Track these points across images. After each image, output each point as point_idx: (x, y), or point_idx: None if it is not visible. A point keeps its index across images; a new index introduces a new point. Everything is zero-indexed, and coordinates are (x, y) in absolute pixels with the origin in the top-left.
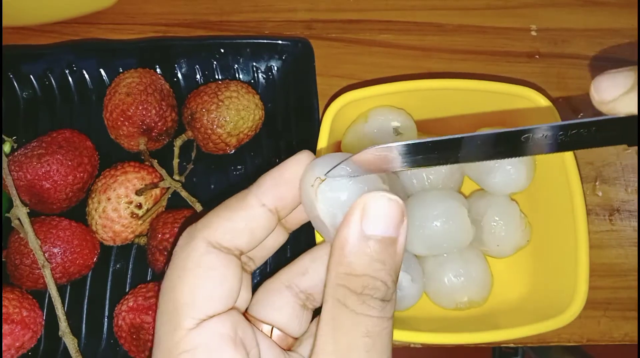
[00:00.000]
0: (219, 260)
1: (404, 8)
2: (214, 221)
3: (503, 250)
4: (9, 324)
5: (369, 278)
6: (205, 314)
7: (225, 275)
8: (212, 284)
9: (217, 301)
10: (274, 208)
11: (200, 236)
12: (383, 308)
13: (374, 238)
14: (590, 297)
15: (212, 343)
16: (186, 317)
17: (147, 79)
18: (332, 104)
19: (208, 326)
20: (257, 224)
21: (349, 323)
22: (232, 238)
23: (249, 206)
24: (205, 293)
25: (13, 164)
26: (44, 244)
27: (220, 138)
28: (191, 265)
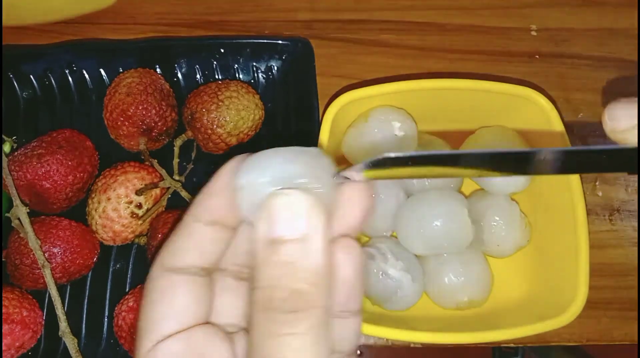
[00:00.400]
0: (169, 281)
1: (404, 8)
2: (164, 247)
3: (503, 249)
4: (9, 324)
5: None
6: (160, 335)
7: (175, 294)
8: (162, 306)
9: (170, 322)
10: (210, 221)
11: (155, 264)
12: (293, 323)
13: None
14: (590, 297)
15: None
16: (144, 340)
17: (147, 79)
18: (332, 104)
19: (161, 347)
20: (199, 239)
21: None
22: (181, 257)
23: (185, 225)
24: (156, 316)
25: (13, 164)
26: (44, 244)
27: (220, 138)
28: (147, 291)
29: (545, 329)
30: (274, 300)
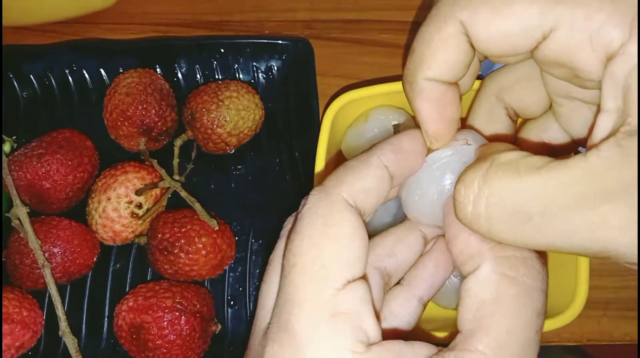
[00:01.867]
0: (358, 220)
1: (404, 8)
2: (348, 179)
3: None
4: (9, 324)
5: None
6: (352, 276)
7: (364, 236)
8: (357, 245)
9: (360, 263)
10: (393, 171)
11: (337, 193)
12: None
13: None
14: (590, 297)
15: (360, 307)
16: (336, 275)
17: (146, 79)
18: (332, 104)
19: (354, 288)
20: (383, 186)
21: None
22: (365, 197)
23: (374, 165)
24: (352, 253)
25: (13, 164)
26: (44, 244)
27: (220, 138)
28: (334, 221)
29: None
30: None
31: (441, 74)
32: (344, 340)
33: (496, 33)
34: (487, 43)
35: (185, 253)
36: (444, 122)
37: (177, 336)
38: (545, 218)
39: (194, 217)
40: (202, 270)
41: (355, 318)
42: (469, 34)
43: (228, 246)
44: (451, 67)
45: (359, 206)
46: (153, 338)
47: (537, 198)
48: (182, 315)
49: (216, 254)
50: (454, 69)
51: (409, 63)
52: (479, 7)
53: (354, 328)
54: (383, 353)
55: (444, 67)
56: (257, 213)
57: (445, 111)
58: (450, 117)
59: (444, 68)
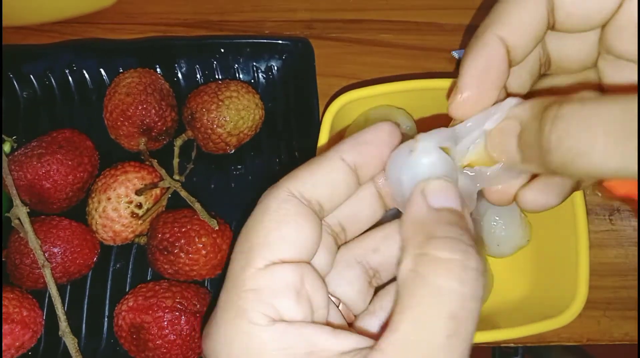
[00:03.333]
0: (297, 208)
1: (404, 8)
2: (296, 173)
3: (503, 249)
4: (9, 324)
5: (453, 241)
6: (276, 257)
7: (301, 223)
8: (287, 229)
9: (289, 246)
10: (353, 164)
11: (283, 186)
12: (473, 281)
13: (443, 209)
14: (590, 297)
15: (276, 287)
16: (258, 256)
17: (146, 79)
18: (332, 104)
19: (276, 269)
20: (337, 176)
21: (431, 301)
22: (313, 187)
23: (328, 158)
24: (278, 236)
25: (13, 164)
26: (44, 244)
27: (220, 138)
28: (270, 209)
29: (545, 329)
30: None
31: (510, 34)
32: (245, 311)
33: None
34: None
35: (185, 253)
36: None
37: (177, 336)
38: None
39: (194, 217)
40: (202, 269)
41: (265, 295)
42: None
43: (228, 246)
44: (523, 30)
45: (307, 198)
46: (153, 338)
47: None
48: (182, 315)
49: (216, 254)
50: (525, 34)
51: (485, 19)
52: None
53: (260, 303)
54: (287, 329)
55: (516, 29)
56: None
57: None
58: (489, 86)
59: (516, 30)
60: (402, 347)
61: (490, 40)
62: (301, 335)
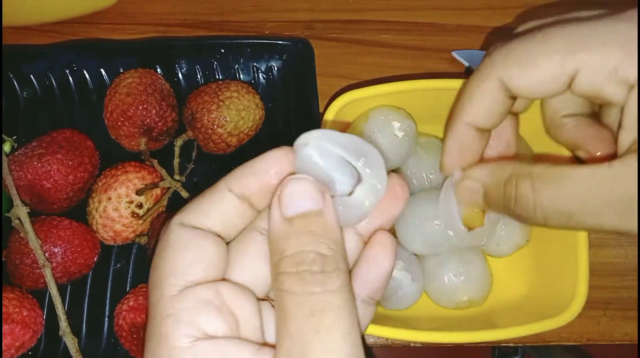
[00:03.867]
0: (193, 234)
1: (404, 8)
2: (187, 206)
3: (503, 249)
4: (9, 324)
5: (301, 253)
6: (186, 280)
7: (202, 244)
8: (189, 253)
9: (197, 269)
10: (241, 194)
11: (173, 221)
12: (324, 281)
13: (296, 216)
14: (590, 297)
15: (194, 306)
16: (168, 285)
17: (147, 79)
18: (332, 104)
19: (189, 291)
20: (226, 207)
21: (292, 308)
22: (202, 218)
23: (217, 190)
24: (183, 262)
25: (13, 164)
26: (44, 244)
27: (220, 138)
28: (168, 243)
29: (545, 328)
30: (303, 263)
31: (476, 119)
32: (168, 337)
33: (529, 83)
34: (525, 91)
35: None
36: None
37: None
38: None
39: None
40: None
41: (185, 316)
42: (508, 87)
43: None
44: (486, 114)
45: (198, 226)
46: None
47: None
48: None
49: None
50: (488, 114)
51: (452, 112)
52: (511, 66)
53: (181, 325)
54: (208, 348)
55: (480, 114)
56: None
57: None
58: (465, 160)
59: (479, 115)
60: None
61: (459, 127)
62: (222, 353)
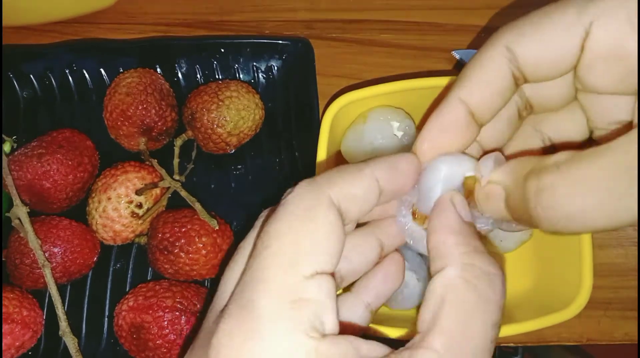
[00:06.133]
0: (339, 221)
1: (404, 8)
2: (339, 181)
3: (506, 245)
4: (9, 324)
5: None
6: (321, 268)
7: (341, 238)
8: (332, 242)
9: (332, 260)
10: (383, 186)
11: (326, 190)
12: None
13: (471, 223)
14: (591, 297)
15: (324, 300)
16: (305, 263)
17: (147, 79)
18: (332, 104)
19: (322, 280)
20: (370, 197)
21: (481, 309)
22: (350, 202)
23: (366, 175)
24: (327, 249)
25: (13, 163)
26: (44, 243)
27: (220, 138)
28: (317, 215)
29: (551, 323)
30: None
31: (471, 95)
32: (302, 324)
33: (542, 40)
34: (534, 54)
35: (185, 252)
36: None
37: (177, 336)
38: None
39: (194, 217)
40: (202, 269)
41: (317, 307)
42: (516, 53)
43: (228, 246)
44: (486, 91)
45: (342, 209)
46: (153, 338)
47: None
48: (182, 314)
49: (216, 254)
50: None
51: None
52: (522, 27)
53: (313, 316)
54: (338, 341)
55: (477, 90)
56: (257, 213)
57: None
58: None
59: (477, 90)
60: (452, 345)
61: (452, 102)
62: (349, 345)
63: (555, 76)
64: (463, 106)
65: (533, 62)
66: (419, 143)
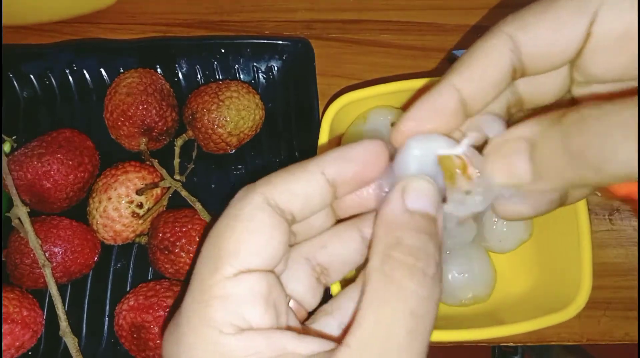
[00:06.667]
0: (270, 218)
1: (404, 8)
2: (274, 180)
3: (505, 245)
4: (9, 324)
5: (417, 250)
6: (245, 267)
7: (274, 235)
8: (259, 240)
9: (259, 258)
10: (332, 179)
11: (258, 191)
12: (431, 286)
13: (418, 212)
14: (591, 297)
15: (245, 296)
16: (227, 264)
17: (147, 79)
18: (332, 104)
19: (245, 278)
20: (314, 191)
21: (394, 298)
22: (289, 199)
23: (308, 171)
24: (250, 247)
25: (13, 163)
26: (44, 243)
27: (220, 138)
28: (244, 216)
29: (551, 323)
30: (419, 260)
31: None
32: (211, 320)
33: (546, 27)
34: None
35: (186, 252)
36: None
37: None
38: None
39: (194, 217)
40: None
41: (233, 303)
42: (518, 42)
43: None
44: (481, 81)
45: (281, 207)
46: (154, 337)
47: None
48: None
49: None
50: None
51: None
52: (526, 15)
53: (227, 312)
54: (254, 336)
55: (473, 79)
56: None
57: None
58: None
59: (472, 80)
60: (366, 340)
61: (444, 88)
62: (269, 341)
63: (556, 66)
64: (456, 93)
65: (536, 52)
66: (403, 122)
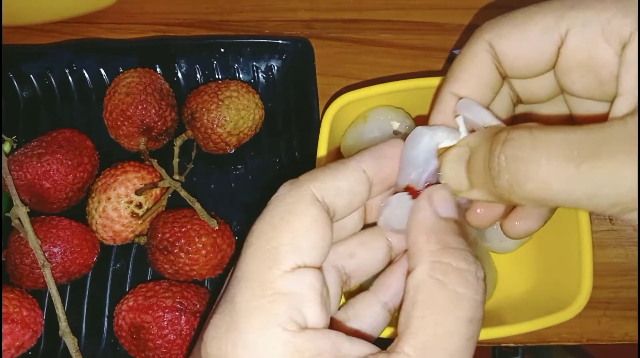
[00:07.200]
0: (321, 215)
1: (404, 7)
2: (322, 175)
3: (506, 245)
4: (9, 324)
5: (467, 254)
6: (303, 262)
7: (326, 231)
8: (315, 236)
9: (315, 254)
10: (372, 177)
11: (307, 186)
12: (484, 290)
13: (450, 219)
14: (591, 297)
15: (306, 292)
16: (285, 258)
17: (146, 79)
18: (332, 104)
19: (304, 274)
20: (358, 188)
21: (452, 306)
22: (336, 196)
23: (351, 168)
24: (308, 242)
25: (13, 163)
26: (44, 243)
27: (220, 138)
28: (298, 211)
29: (551, 323)
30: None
31: (461, 88)
32: (277, 316)
33: (520, 41)
34: (513, 54)
35: (185, 252)
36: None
37: (177, 336)
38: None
39: (194, 217)
40: (202, 269)
41: (295, 300)
42: (496, 50)
43: (228, 246)
44: (475, 84)
45: (327, 203)
46: (153, 338)
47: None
48: (182, 314)
49: (216, 254)
50: (477, 87)
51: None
52: (503, 25)
53: (290, 309)
54: (317, 336)
55: (465, 82)
56: (257, 213)
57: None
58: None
59: (465, 83)
60: (426, 348)
61: (443, 97)
62: (331, 342)
63: (532, 75)
64: (455, 98)
65: (512, 61)
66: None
